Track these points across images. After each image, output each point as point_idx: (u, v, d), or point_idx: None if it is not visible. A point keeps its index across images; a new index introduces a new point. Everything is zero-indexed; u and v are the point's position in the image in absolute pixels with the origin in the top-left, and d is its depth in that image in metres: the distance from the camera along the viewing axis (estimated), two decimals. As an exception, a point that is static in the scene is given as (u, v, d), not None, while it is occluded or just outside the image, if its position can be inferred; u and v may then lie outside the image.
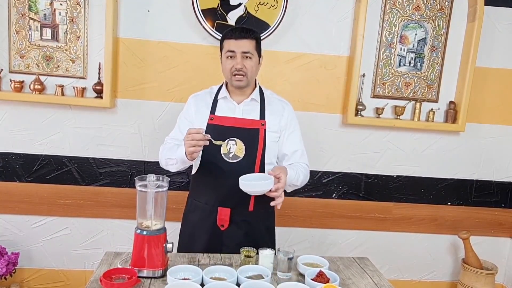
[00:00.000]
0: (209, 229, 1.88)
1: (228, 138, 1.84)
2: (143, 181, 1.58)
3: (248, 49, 1.81)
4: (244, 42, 1.80)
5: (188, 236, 1.97)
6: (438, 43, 2.66)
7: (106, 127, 2.57)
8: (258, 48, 1.86)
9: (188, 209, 2.02)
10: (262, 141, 1.86)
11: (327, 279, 1.57)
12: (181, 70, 2.55)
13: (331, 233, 2.80)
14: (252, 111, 1.90)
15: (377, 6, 2.60)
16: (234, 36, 1.81)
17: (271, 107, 1.93)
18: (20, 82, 2.43)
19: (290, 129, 1.95)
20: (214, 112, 1.90)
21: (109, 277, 1.49)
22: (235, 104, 1.91)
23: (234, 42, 1.81)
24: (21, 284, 2.66)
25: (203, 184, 1.92)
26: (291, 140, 1.94)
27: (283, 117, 1.93)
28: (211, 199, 1.89)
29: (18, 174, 2.57)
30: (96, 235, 2.67)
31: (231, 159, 1.84)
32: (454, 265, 2.92)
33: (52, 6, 2.44)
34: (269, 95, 1.97)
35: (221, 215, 1.86)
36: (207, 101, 1.94)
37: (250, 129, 1.86)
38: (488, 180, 2.84)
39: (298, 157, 1.95)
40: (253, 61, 1.84)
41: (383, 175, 2.77)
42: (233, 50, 1.81)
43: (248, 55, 1.81)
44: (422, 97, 2.71)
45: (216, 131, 1.85)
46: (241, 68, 1.81)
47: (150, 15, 2.50)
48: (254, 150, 1.84)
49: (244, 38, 1.80)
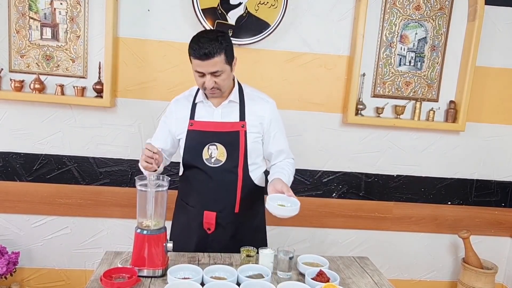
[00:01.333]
0: (197, 232, 1.87)
1: (208, 143, 1.81)
2: (143, 181, 1.58)
3: (216, 69, 1.68)
4: (210, 62, 1.67)
5: (177, 238, 1.93)
6: (438, 43, 2.66)
7: (106, 126, 2.57)
8: (228, 58, 1.71)
9: (177, 209, 2.01)
10: (243, 143, 1.82)
11: (327, 278, 1.57)
12: (181, 70, 2.54)
13: (331, 233, 2.80)
14: (231, 113, 1.84)
15: (377, 5, 2.60)
16: (200, 57, 1.66)
17: (252, 107, 1.86)
18: (20, 81, 2.43)
19: (274, 128, 1.90)
20: (194, 117, 1.85)
21: (109, 277, 1.49)
22: (213, 107, 1.84)
23: (199, 62, 1.68)
24: (22, 284, 2.66)
25: (189, 187, 1.91)
26: (276, 140, 1.91)
27: (265, 117, 1.86)
28: (197, 202, 1.87)
29: (18, 173, 2.57)
30: (96, 235, 2.67)
31: (213, 164, 1.81)
32: (454, 265, 2.92)
33: (52, 6, 2.44)
34: (249, 93, 1.89)
35: (207, 218, 1.83)
36: (186, 106, 1.89)
37: (230, 132, 1.82)
38: (488, 180, 2.85)
39: (285, 155, 1.94)
40: (225, 75, 1.73)
41: (383, 174, 2.77)
42: (201, 72, 1.70)
43: (217, 73, 1.70)
44: (422, 96, 2.70)
45: (196, 136, 1.82)
46: (212, 86, 1.73)
47: (150, 15, 2.50)
48: (236, 153, 1.81)
49: (210, 57, 1.65)
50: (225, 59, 1.70)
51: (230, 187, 1.83)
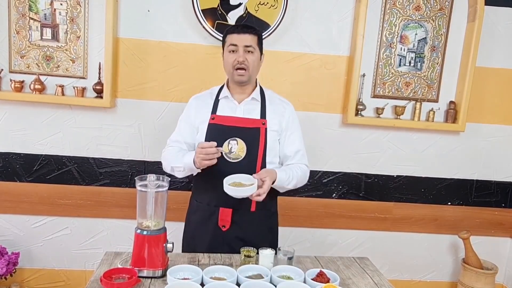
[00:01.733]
0: (211, 230, 1.88)
1: (229, 138, 1.84)
2: (143, 181, 1.58)
3: (250, 43, 1.83)
4: (246, 36, 1.83)
5: (191, 237, 1.98)
6: (438, 43, 2.66)
7: (106, 127, 2.57)
8: (259, 44, 1.89)
9: (190, 211, 2.02)
10: (263, 141, 1.86)
11: (327, 279, 1.57)
12: (181, 70, 2.55)
13: (331, 233, 2.80)
14: (253, 110, 1.91)
15: (377, 6, 2.60)
16: (237, 31, 1.84)
17: (272, 107, 1.93)
18: (20, 82, 2.43)
19: (291, 129, 1.95)
20: (216, 112, 1.90)
21: (109, 277, 1.49)
22: (236, 103, 1.91)
23: (236, 36, 1.83)
24: (22, 284, 2.66)
25: (205, 185, 1.92)
26: (292, 141, 1.94)
27: (284, 117, 1.94)
28: (212, 199, 1.88)
29: (18, 174, 2.57)
30: (96, 235, 2.67)
31: (233, 159, 1.84)
32: (454, 265, 2.92)
33: (52, 6, 2.44)
34: (270, 95, 1.98)
35: (223, 215, 1.86)
36: (207, 102, 1.94)
37: (251, 128, 1.86)
38: (488, 180, 2.84)
39: (299, 158, 1.95)
40: (255, 56, 1.86)
41: (383, 175, 2.77)
42: (236, 44, 1.83)
43: (250, 49, 1.84)
44: (422, 97, 2.71)
45: (217, 130, 1.85)
46: (243, 61, 1.83)
47: (150, 15, 2.50)
48: (255, 150, 1.84)
49: (247, 33, 1.83)
50: (258, 42, 1.87)
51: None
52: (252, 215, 1.88)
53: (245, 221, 1.88)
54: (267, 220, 1.97)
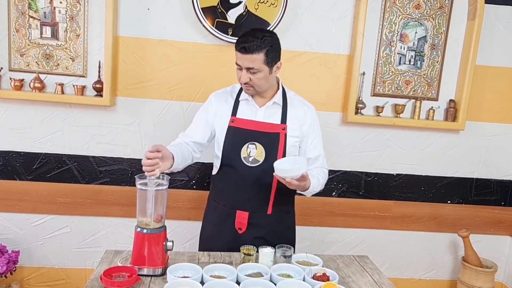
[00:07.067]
0: (228, 232, 1.87)
1: (248, 142, 1.82)
2: (143, 180, 1.58)
3: (252, 65, 1.71)
4: (248, 57, 1.71)
5: (208, 237, 1.97)
6: (438, 42, 2.66)
7: (106, 125, 2.57)
8: (268, 59, 1.73)
9: (208, 209, 2.01)
10: (283, 146, 1.83)
11: (327, 277, 1.57)
12: (181, 69, 2.54)
13: (331, 231, 2.81)
14: (273, 114, 1.87)
15: (377, 4, 2.59)
16: (240, 50, 1.72)
17: (293, 111, 1.89)
18: (20, 80, 2.43)
19: (314, 134, 1.92)
20: (236, 114, 1.87)
21: (109, 275, 1.49)
22: (256, 106, 1.87)
23: (240, 55, 1.73)
24: (22, 282, 2.66)
25: (223, 186, 1.91)
26: (314, 146, 1.93)
27: (306, 122, 1.90)
28: (229, 202, 1.88)
29: (18, 172, 2.57)
30: (96, 233, 2.67)
31: (251, 163, 1.82)
32: (454, 263, 2.92)
33: (52, 5, 2.43)
34: (292, 97, 1.93)
35: (239, 218, 1.85)
36: (228, 101, 1.90)
37: (270, 133, 1.83)
38: (488, 179, 2.85)
39: (321, 161, 1.95)
40: (261, 74, 1.75)
41: (383, 173, 2.77)
42: (239, 64, 1.76)
43: (253, 70, 1.73)
44: (422, 95, 2.70)
45: (236, 133, 1.83)
46: (246, 82, 1.76)
47: (150, 13, 2.50)
48: (274, 155, 1.81)
49: (249, 53, 1.70)
50: (265, 59, 1.72)
51: (265, 188, 1.84)
52: (269, 217, 1.87)
53: (262, 224, 1.86)
54: (284, 221, 1.95)
